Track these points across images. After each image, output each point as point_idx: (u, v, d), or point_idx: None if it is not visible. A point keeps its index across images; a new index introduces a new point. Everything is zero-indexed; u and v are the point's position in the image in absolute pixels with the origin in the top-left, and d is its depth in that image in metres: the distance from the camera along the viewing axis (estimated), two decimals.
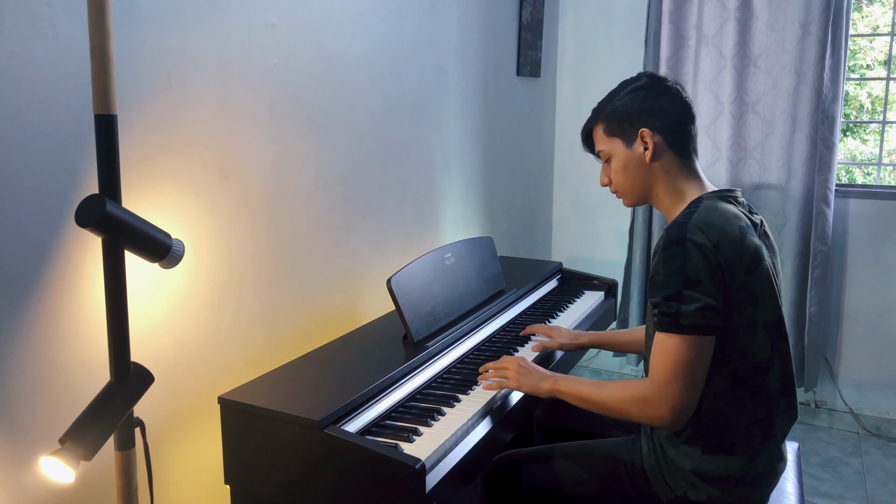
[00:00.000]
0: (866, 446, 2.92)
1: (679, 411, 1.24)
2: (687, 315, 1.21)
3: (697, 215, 1.27)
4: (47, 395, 1.23)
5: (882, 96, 3.45)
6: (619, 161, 1.44)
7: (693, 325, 1.21)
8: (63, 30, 1.20)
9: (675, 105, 1.41)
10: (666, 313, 1.23)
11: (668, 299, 1.23)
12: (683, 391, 1.23)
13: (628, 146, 1.42)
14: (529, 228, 3.30)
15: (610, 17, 3.31)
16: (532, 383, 1.47)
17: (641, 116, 1.40)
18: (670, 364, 1.23)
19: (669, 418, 1.24)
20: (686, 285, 1.22)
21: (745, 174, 3.00)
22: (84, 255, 1.27)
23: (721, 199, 1.35)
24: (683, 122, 1.41)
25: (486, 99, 2.71)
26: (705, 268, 1.22)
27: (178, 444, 1.49)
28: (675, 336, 1.22)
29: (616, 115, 1.43)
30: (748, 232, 1.29)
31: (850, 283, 3.01)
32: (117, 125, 1.04)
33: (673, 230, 1.26)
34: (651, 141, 1.39)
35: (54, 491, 1.25)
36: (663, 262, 1.25)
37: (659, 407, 1.24)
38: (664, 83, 1.43)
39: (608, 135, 1.45)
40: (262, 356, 1.69)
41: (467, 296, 1.89)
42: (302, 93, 1.75)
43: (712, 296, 1.21)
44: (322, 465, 1.25)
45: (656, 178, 1.41)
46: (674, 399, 1.23)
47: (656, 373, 1.25)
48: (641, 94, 1.41)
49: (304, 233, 1.80)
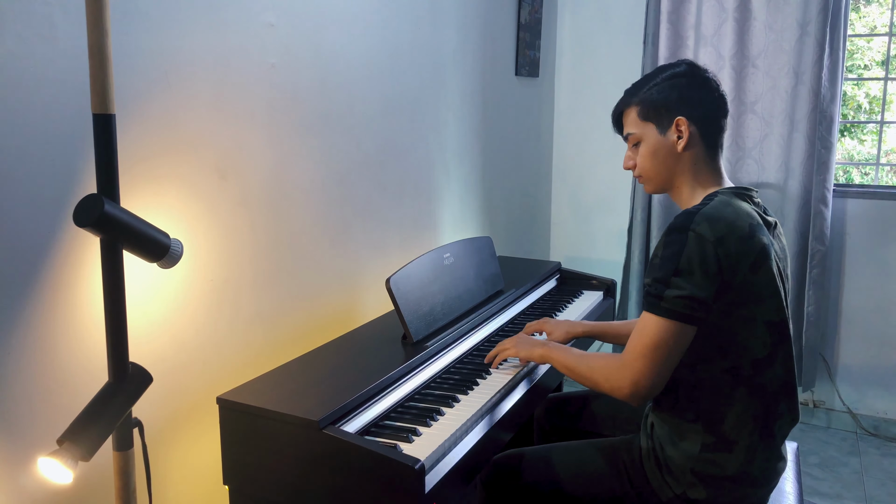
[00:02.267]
0: (864, 446, 2.93)
1: (639, 387, 1.26)
2: (668, 299, 1.24)
3: (708, 208, 1.28)
4: (45, 396, 1.23)
5: (880, 96, 3.45)
6: (649, 146, 1.43)
7: (671, 311, 1.23)
8: (61, 29, 1.20)
9: (713, 97, 1.41)
10: (650, 293, 1.27)
11: (656, 281, 1.26)
12: (648, 370, 1.25)
13: (662, 132, 1.41)
14: (528, 228, 3.30)
15: (608, 17, 3.31)
16: (528, 349, 1.57)
17: (679, 104, 1.39)
18: (641, 341, 1.26)
19: (628, 390, 1.28)
20: (675, 273, 1.24)
21: (743, 174, 3.00)
22: (82, 255, 1.26)
23: (737, 196, 1.35)
24: (718, 114, 1.41)
25: (484, 99, 2.71)
26: (701, 260, 1.22)
27: (176, 445, 1.49)
28: (653, 316, 1.25)
29: (653, 99, 1.42)
30: (758, 230, 1.29)
31: (848, 282, 3.02)
32: (115, 125, 1.04)
33: (680, 218, 1.28)
34: (686, 130, 1.38)
35: (52, 492, 1.24)
36: (663, 246, 1.28)
37: (620, 379, 1.28)
38: (704, 73, 1.42)
39: (642, 118, 1.44)
40: (261, 356, 1.69)
41: (466, 296, 1.88)
42: (300, 93, 1.75)
43: (700, 287, 1.23)
44: (321, 466, 1.25)
45: (683, 168, 1.42)
46: (636, 375, 1.26)
47: (628, 347, 1.29)
48: (682, 81, 1.40)
49: (302, 233, 1.80)
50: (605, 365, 1.34)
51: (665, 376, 1.27)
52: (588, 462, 1.49)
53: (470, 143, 2.63)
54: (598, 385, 1.35)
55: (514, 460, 1.55)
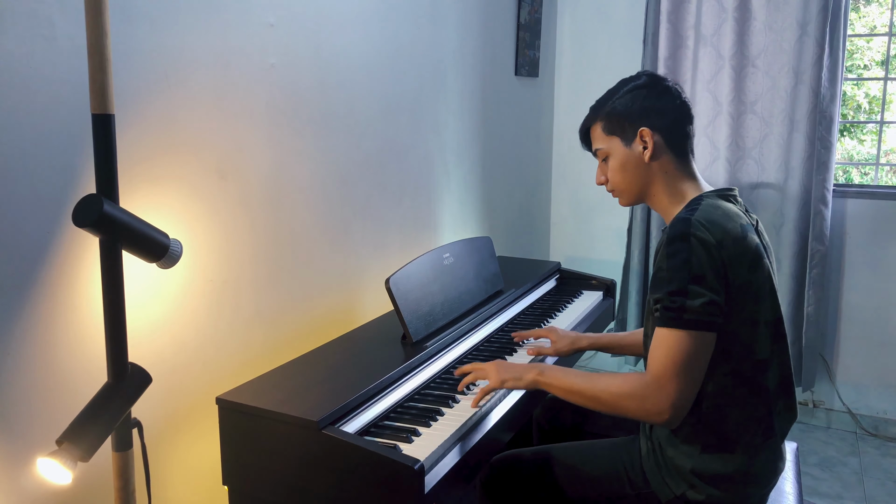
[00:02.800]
0: (864, 446, 2.93)
1: (679, 407, 1.23)
2: (691, 310, 1.21)
3: (700, 212, 1.27)
4: (44, 396, 1.23)
5: (879, 96, 3.45)
6: (617, 160, 1.44)
7: (696, 321, 1.21)
8: (61, 28, 1.20)
9: (675, 105, 1.41)
10: (669, 308, 1.22)
11: (672, 294, 1.22)
12: (683, 387, 1.22)
13: (627, 145, 1.42)
14: (528, 228, 3.30)
15: (608, 16, 3.31)
16: (514, 377, 1.42)
17: (641, 115, 1.40)
18: (671, 359, 1.22)
19: (669, 414, 1.23)
20: (691, 280, 1.21)
21: (743, 174, 3.00)
22: (81, 256, 1.26)
23: (721, 198, 1.35)
24: (682, 122, 1.41)
25: (484, 99, 2.70)
26: (709, 264, 1.22)
27: (175, 445, 1.49)
28: (677, 331, 1.21)
29: (615, 113, 1.43)
30: (749, 230, 1.29)
31: (848, 282, 3.02)
32: (115, 125, 1.04)
33: (677, 226, 1.26)
34: (651, 140, 1.39)
35: (51, 492, 1.24)
36: (667, 257, 1.25)
37: (658, 403, 1.23)
38: (664, 83, 1.43)
39: (607, 133, 1.45)
40: (261, 357, 1.69)
41: (466, 296, 1.88)
42: (300, 93, 1.75)
43: (716, 291, 1.21)
44: (320, 466, 1.25)
45: (654, 178, 1.42)
46: (673, 395, 1.22)
47: (656, 368, 1.23)
48: (642, 92, 1.41)
49: (302, 233, 1.80)
50: (632, 390, 1.25)
51: (698, 386, 1.24)
52: (587, 463, 1.48)
53: (470, 143, 2.62)
54: (625, 411, 1.27)
55: (514, 461, 1.54)
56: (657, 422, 1.25)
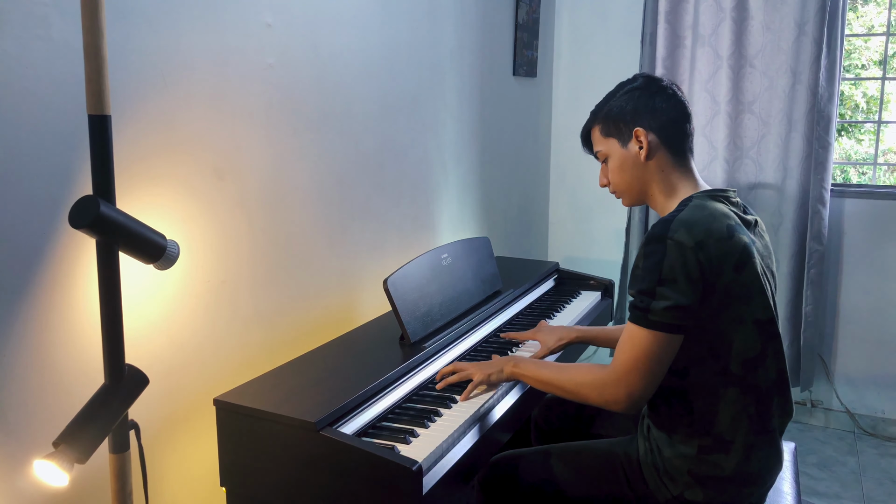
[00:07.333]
0: (862, 445, 2.93)
1: (635, 400, 1.29)
2: (655, 312, 1.24)
3: (684, 213, 1.29)
4: (41, 398, 1.22)
5: (877, 96, 3.45)
6: (615, 161, 1.46)
7: (659, 323, 1.24)
8: (57, 29, 1.19)
9: (670, 104, 1.42)
10: (637, 306, 1.27)
11: (641, 293, 1.27)
12: (641, 381, 1.27)
13: (624, 146, 1.44)
14: (526, 228, 3.30)
15: (606, 16, 3.31)
16: (496, 370, 1.53)
17: (636, 116, 1.42)
18: (633, 355, 1.27)
19: (625, 403, 1.29)
20: (660, 282, 1.24)
21: (741, 174, 3.00)
22: (78, 257, 1.26)
23: (711, 199, 1.36)
24: (678, 120, 1.42)
25: (482, 99, 2.70)
26: (682, 267, 1.23)
27: (173, 447, 1.49)
28: (642, 329, 1.26)
29: (611, 115, 1.45)
30: (737, 230, 1.29)
31: (846, 282, 3.02)
32: (111, 126, 1.03)
33: (657, 227, 1.28)
34: (645, 140, 1.40)
35: (48, 494, 1.24)
36: (643, 256, 1.28)
37: (616, 394, 1.29)
38: (659, 83, 1.45)
39: (604, 135, 1.47)
40: (258, 358, 1.68)
41: (464, 296, 1.88)
42: (298, 93, 1.75)
43: (685, 295, 1.23)
44: (318, 468, 1.25)
45: (652, 177, 1.43)
46: (630, 388, 1.28)
47: (619, 360, 1.29)
48: (636, 94, 1.44)
49: (300, 233, 1.79)
50: (594, 380, 1.33)
51: (657, 383, 1.29)
52: (585, 463, 1.49)
53: (468, 143, 2.62)
54: (587, 399, 1.35)
55: (512, 461, 1.54)
56: (614, 409, 1.32)
